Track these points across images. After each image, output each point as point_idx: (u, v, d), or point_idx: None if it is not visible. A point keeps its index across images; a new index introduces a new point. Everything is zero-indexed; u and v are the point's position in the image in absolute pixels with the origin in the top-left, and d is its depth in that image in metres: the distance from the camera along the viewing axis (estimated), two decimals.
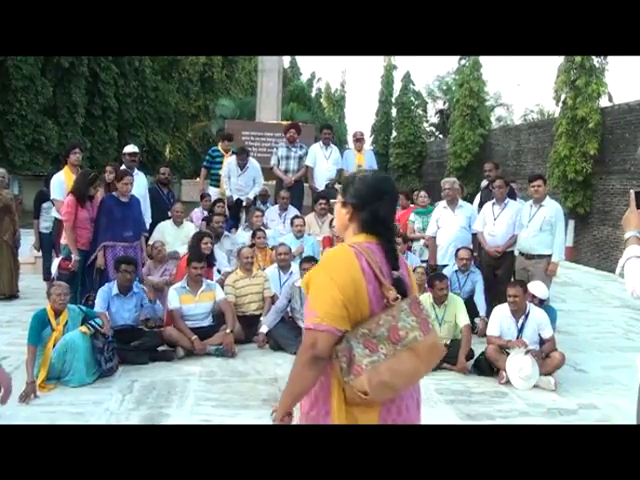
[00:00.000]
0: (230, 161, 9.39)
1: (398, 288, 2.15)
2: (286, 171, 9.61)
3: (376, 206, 2.22)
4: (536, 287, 6.24)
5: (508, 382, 5.60)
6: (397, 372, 2.07)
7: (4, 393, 3.51)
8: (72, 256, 6.58)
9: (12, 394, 4.86)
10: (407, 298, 2.15)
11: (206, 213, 8.94)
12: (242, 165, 9.21)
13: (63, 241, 6.75)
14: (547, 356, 5.71)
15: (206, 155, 10.40)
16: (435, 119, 35.31)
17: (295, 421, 2.30)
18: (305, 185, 10.10)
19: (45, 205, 8.57)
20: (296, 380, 2.18)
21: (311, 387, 2.18)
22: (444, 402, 5.15)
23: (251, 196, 9.34)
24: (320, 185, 9.53)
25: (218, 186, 9.76)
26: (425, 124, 33.83)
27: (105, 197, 6.97)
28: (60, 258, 6.74)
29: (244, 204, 9.32)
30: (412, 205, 9.40)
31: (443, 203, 7.88)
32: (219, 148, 9.99)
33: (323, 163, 9.53)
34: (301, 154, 9.65)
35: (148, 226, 8.02)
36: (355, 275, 2.09)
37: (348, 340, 2.08)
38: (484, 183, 9.03)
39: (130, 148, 8.42)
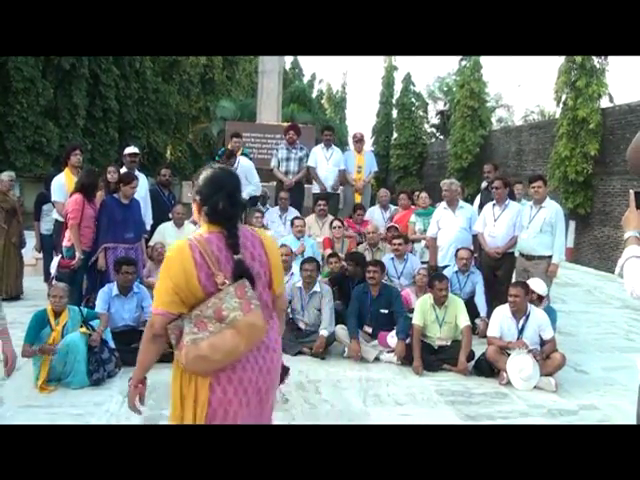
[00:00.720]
0: None
1: (239, 269, 2.48)
2: (286, 172, 9.60)
3: (215, 199, 2.54)
4: (535, 283, 6.25)
5: (509, 383, 5.61)
6: (217, 347, 2.40)
7: (9, 366, 3.63)
8: (76, 254, 6.57)
9: (11, 396, 4.88)
10: (236, 282, 2.45)
11: None
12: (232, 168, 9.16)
13: (67, 243, 6.71)
14: (548, 357, 5.72)
15: (215, 156, 10.37)
16: (436, 120, 35.29)
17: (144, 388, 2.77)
18: (306, 186, 10.10)
19: (46, 207, 8.60)
20: (142, 353, 2.62)
21: (154, 359, 2.64)
22: (444, 403, 5.15)
23: (245, 196, 9.18)
24: (328, 186, 9.53)
25: None
26: (426, 125, 33.84)
27: (106, 198, 6.97)
28: (59, 257, 6.73)
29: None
30: (413, 206, 9.39)
31: (444, 204, 7.89)
32: (228, 148, 9.97)
33: (324, 164, 9.53)
34: (301, 155, 9.64)
35: (149, 227, 8.03)
36: (187, 266, 2.44)
37: (182, 320, 2.47)
38: (484, 184, 9.04)
39: (130, 149, 8.41)
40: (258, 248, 2.62)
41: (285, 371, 3.01)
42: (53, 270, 6.73)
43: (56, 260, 6.77)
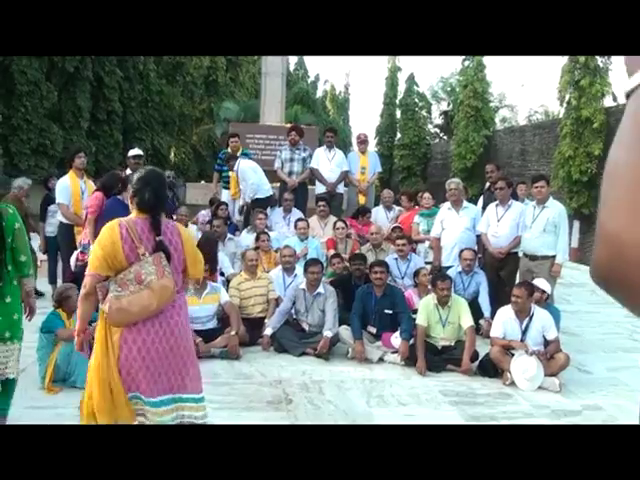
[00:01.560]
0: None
1: (159, 247, 3.22)
2: (290, 173, 9.61)
3: (142, 193, 3.27)
4: (539, 282, 6.26)
5: (513, 383, 5.60)
6: (135, 303, 3.13)
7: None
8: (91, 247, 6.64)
9: (17, 397, 4.90)
10: (154, 254, 3.19)
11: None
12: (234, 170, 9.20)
13: (85, 240, 6.75)
14: (552, 357, 5.71)
15: (217, 159, 10.40)
16: (439, 120, 35.28)
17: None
18: (310, 187, 10.10)
19: (51, 208, 8.61)
20: (79, 309, 3.32)
21: (89, 312, 3.35)
22: (448, 403, 5.15)
23: (246, 198, 9.12)
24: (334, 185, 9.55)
25: (229, 188, 9.75)
26: (429, 126, 33.82)
27: (110, 200, 6.97)
28: (78, 251, 6.77)
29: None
30: (416, 207, 9.38)
31: (447, 204, 7.89)
32: (227, 150, 10.00)
33: (326, 166, 9.53)
34: (304, 156, 9.64)
35: None
36: (114, 239, 3.15)
37: (109, 281, 3.22)
38: (488, 185, 9.04)
39: (135, 151, 8.44)
40: (175, 237, 3.35)
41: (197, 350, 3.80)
42: (73, 264, 6.77)
43: (75, 254, 6.80)
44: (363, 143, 10.00)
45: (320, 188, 9.72)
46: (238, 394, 5.19)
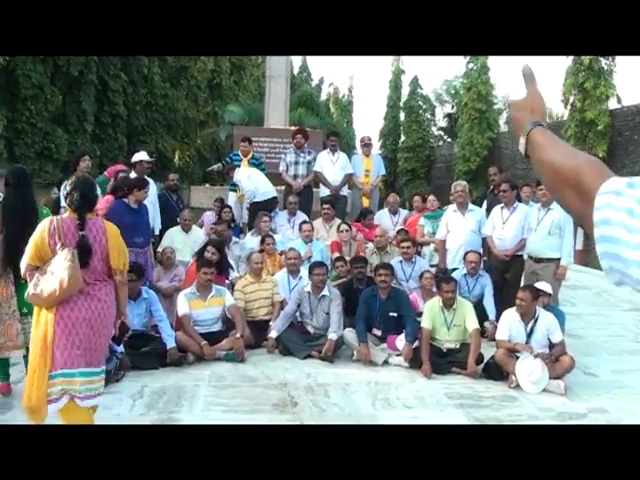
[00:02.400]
0: None
1: (81, 242, 3.71)
2: (295, 176, 9.63)
3: (72, 195, 3.81)
4: (541, 284, 6.26)
5: (518, 386, 5.59)
6: (44, 290, 3.59)
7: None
8: None
9: (21, 401, 4.90)
10: (68, 247, 3.64)
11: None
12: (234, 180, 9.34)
13: None
14: (557, 360, 5.70)
15: (224, 162, 10.41)
16: (443, 123, 35.23)
17: None
18: (315, 190, 10.11)
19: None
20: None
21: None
22: (453, 406, 5.15)
23: (244, 204, 9.38)
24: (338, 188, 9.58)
25: (236, 191, 9.77)
26: (433, 128, 33.80)
27: (115, 203, 6.99)
28: None
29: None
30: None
31: (453, 207, 7.87)
32: (239, 152, 10.03)
33: (330, 169, 9.54)
34: (309, 159, 9.66)
35: (157, 232, 8.07)
36: (44, 234, 3.69)
37: (37, 269, 3.71)
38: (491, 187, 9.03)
39: (145, 156, 8.48)
40: (100, 233, 3.85)
41: (125, 330, 4.19)
42: None
43: None
44: (367, 146, 10.01)
45: (324, 191, 9.73)
46: (243, 397, 5.19)
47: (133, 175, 7.88)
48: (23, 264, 3.75)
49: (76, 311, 3.68)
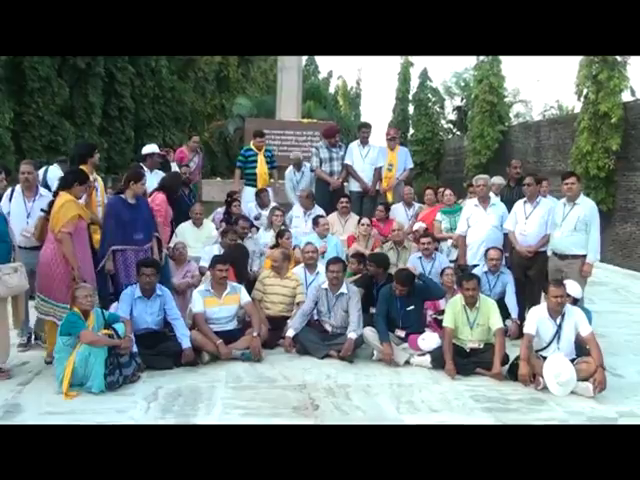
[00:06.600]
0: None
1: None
2: (331, 173, 9.48)
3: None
4: (570, 286, 6.02)
5: (545, 388, 5.40)
6: None
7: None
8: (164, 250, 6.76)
9: (32, 401, 4.77)
10: None
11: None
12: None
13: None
14: (584, 362, 5.48)
15: (238, 155, 10.26)
16: (453, 116, 34.92)
17: None
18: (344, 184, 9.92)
19: None
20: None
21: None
22: (481, 410, 4.96)
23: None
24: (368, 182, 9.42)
25: (255, 185, 9.65)
26: (443, 121, 33.50)
27: (112, 198, 6.74)
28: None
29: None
30: (436, 204, 9.12)
31: (474, 201, 7.64)
32: (252, 147, 9.87)
33: (359, 163, 9.39)
34: (342, 154, 9.55)
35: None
36: None
37: None
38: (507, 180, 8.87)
39: (156, 148, 8.37)
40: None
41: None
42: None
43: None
44: (393, 140, 9.72)
45: (354, 184, 9.57)
46: (262, 399, 5.02)
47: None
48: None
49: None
